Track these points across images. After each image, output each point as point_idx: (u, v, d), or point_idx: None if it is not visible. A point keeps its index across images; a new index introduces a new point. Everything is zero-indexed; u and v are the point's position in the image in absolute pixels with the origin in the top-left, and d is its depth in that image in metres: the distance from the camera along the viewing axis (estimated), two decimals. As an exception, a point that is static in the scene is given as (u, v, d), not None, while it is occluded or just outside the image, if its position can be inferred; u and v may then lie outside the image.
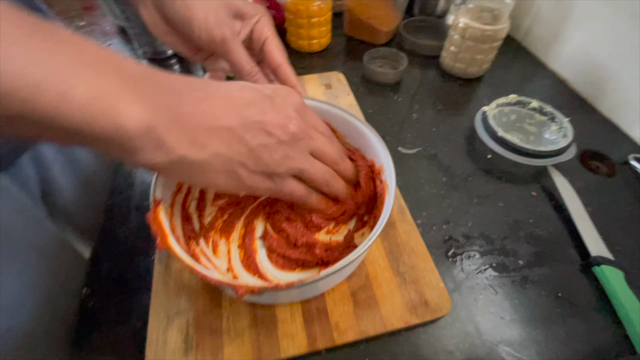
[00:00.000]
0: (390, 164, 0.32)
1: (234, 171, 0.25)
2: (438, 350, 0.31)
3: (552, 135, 0.47)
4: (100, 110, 0.19)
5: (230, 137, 0.24)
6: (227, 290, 0.27)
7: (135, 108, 0.20)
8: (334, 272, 0.25)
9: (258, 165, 0.26)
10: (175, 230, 0.30)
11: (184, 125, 0.23)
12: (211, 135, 0.24)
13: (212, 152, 0.24)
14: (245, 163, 0.25)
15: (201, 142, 0.23)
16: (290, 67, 0.37)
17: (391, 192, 0.30)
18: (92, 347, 0.31)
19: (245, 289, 0.25)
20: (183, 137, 0.22)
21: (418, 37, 0.63)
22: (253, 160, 0.25)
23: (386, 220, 0.28)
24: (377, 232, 0.27)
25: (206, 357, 0.29)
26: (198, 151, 0.23)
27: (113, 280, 0.35)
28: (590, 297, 0.34)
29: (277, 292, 0.28)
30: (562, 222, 0.40)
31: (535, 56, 0.64)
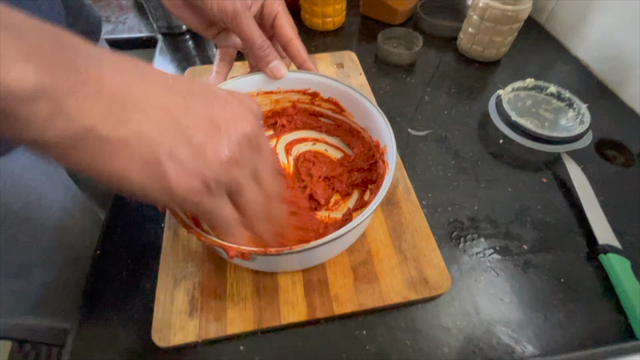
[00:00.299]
0: (393, 145, 0.32)
1: (158, 163, 0.18)
2: (435, 326, 0.31)
3: (568, 122, 0.46)
4: None
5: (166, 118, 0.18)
6: (220, 252, 0.28)
7: (27, 68, 0.15)
8: (326, 242, 0.26)
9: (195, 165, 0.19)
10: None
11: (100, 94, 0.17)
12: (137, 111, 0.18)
13: (134, 129, 0.17)
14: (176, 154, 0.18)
15: (120, 115, 0.17)
16: (301, 42, 0.37)
17: (390, 171, 0.30)
18: (104, 304, 0.32)
19: (235, 251, 0.25)
20: (94, 106, 0.17)
21: (435, 18, 0.61)
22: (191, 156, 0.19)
23: (382, 197, 0.28)
24: (372, 208, 0.27)
25: (210, 318, 0.30)
26: (114, 125, 0.17)
27: (124, 244, 0.36)
28: (594, 284, 0.34)
29: (273, 259, 0.29)
30: (571, 209, 0.39)
31: (558, 40, 0.61)
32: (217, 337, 0.30)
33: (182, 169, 0.19)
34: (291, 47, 0.36)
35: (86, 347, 0.30)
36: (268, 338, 0.31)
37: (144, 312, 0.31)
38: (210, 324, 0.30)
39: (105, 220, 0.38)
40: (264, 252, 0.26)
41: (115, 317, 0.32)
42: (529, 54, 0.59)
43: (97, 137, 0.17)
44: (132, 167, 0.18)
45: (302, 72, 0.37)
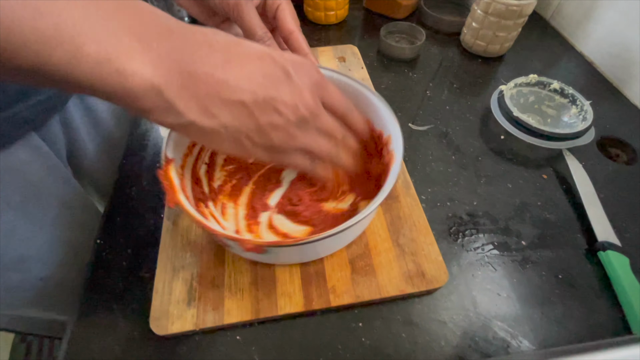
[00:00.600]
0: (399, 134, 0.32)
1: (240, 140, 0.25)
2: (431, 319, 0.31)
3: (571, 119, 0.46)
4: (109, 71, 0.19)
5: (241, 111, 0.24)
6: (233, 246, 0.28)
7: (145, 70, 0.20)
8: (332, 234, 0.26)
9: (264, 141, 0.26)
10: (185, 190, 0.32)
11: (196, 92, 0.22)
12: (222, 107, 0.23)
13: (221, 123, 0.24)
14: (251, 137, 0.25)
15: (211, 111, 0.23)
16: (302, 35, 0.36)
17: (397, 161, 0.30)
18: (104, 292, 0.33)
19: (252, 244, 0.26)
20: (194, 104, 0.22)
21: (439, 12, 0.61)
22: (259, 136, 0.25)
23: (390, 188, 0.28)
24: (378, 201, 0.27)
25: (207, 308, 0.31)
26: (207, 120, 0.23)
27: (125, 234, 0.36)
28: (592, 281, 0.34)
29: (279, 251, 0.29)
30: (571, 206, 0.39)
31: (563, 36, 0.61)
32: (214, 327, 0.30)
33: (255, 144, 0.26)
34: (292, 40, 0.36)
35: (85, 334, 0.31)
36: (265, 328, 0.31)
37: (142, 301, 0.32)
38: (207, 313, 0.30)
39: (106, 210, 0.38)
40: (277, 243, 0.26)
41: (114, 306, 0.32)
42: (533, 50, 0.59)
43: (198, 128, 0.23)
44: (223, 143, 0.25)
45: None
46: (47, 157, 0.39)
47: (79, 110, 0.45)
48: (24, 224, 0.38)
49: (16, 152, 0.35)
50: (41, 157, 0.38)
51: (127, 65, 0.19)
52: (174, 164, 0.31)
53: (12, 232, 0.37)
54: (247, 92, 0.24)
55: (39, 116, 0.37)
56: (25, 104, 0.34)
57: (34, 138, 0.37)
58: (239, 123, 0.24)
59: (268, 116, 0.25)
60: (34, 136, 0.37)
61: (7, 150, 0.34)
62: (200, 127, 0.23)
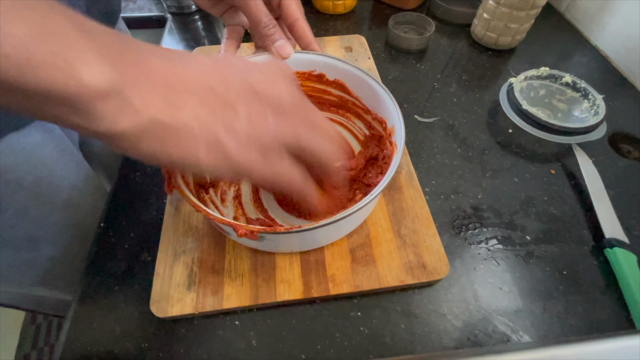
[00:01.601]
0: (401, 125, 0.31)
1: (218, 142, 0.20)
2: (431, 311, 0.31)
3: (582, 114, 0.45)
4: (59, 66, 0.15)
5: (213, 98, 0.20)
6: (229, 231, 0.28)
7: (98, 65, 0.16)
8: (328, 223, 0.26)
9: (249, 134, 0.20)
10: (185, 176, 0.32)
11: (156, 83, 0.18)
12: (189, 95, 0.19)
13: (191, 115, 0.19)
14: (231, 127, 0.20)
15: (176, 102, 0.19)
16: (307, 23, 0.36)
17: (399, 152, 0.30)
18: (106, 274, 0.33)
19: (245, 230, 0.26)
20: (154, 96, 0.18)
21: (449, 3, 0.60)
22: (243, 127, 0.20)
23: (389, 179, 0.27)
24: (377, 191, 0.27)
25: (207, 292, 0.31)
26: (173, 112, 0.18)
27: (128, 218, 0.37)
28: (597, 278, 0.33)
29: (276, 238, 0.29)
30: (579, 202, 0.38)
31: (578, 29, 0.59)
32: (213, 311, 0.30)
33: (239, 143, 0.20)
34: (297, 28, 0.35)
35: (87, 314, 0.31)
36: (263, 314, 0.31)
37: (143, 283, 0.32)
38: (207, 297, 0.30)
39: (110, 194, 0.39)
40: (273, 231, 0.26)
41: (116, 287, 0.32)
42: (545, 43, 0.57)
43: (161, 126, 0.18)
44: (198, 150, 0.19)
45: (307, 53, 0.36)
46: (60, 140, 0.40)
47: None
48: (36, 205, 0.38)
49: (30, 133, 0.36)
50: (54, 140, 0.39)
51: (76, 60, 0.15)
52: None
53: (23, 212, 0.38)
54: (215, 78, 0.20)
55: None
56: None
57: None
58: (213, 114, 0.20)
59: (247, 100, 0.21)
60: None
61: (21, 132, 0.35)
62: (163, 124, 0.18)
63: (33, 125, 0.36)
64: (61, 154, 0.40)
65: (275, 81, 0.22)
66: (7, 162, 0.34)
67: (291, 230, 0.26)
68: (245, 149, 0.20)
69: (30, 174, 0.37)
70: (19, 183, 0.36)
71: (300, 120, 0.23)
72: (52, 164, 0.39)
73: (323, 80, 0.39)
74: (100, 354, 0.29)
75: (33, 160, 0.37)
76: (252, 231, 0.26)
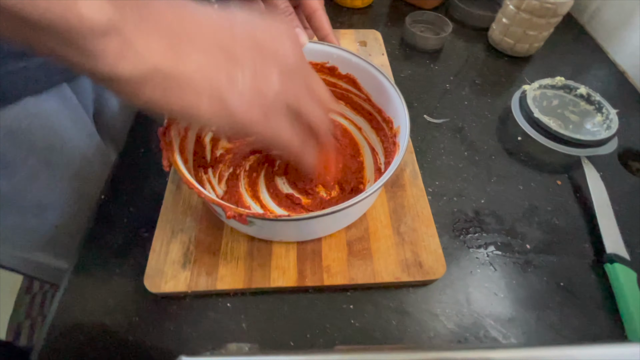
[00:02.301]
0: (407, 125, 0.31)
1: (221, 96, 0.20)
2: (423, 310, 0.31)
3: (594, 127, 0.44)
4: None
5: (218, 51, 0.19)
6: (220, 212, 0.28)
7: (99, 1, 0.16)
8: (323, 214, 0.25)
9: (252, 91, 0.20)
10: (184, 152, 0.32)
11: (160, 30, 0.18)
12: (194, 46, 0.19)
13: (195, 66, 0.19)
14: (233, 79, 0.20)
15: (181, 51, 0.18)
16: (326, 15, 0.36)
17: (400, 152, 0.29)
18: (103, 246, 0.33)
19: (234, 212, 0.25)
20: (158, 43, 0.18)
21: (469, 6, 0.59)
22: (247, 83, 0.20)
23: (389, 176, 0.27)
24: (375, 187, 0.27)
25: (201, 272, 0.31)
26: (177, 61, 0.18)
27: (129, 193, 0.37)
28: (595, 292, 0.33)
29: (266, 225, 0.28)
30: (582, 215, 0.38)
31: (597, 42, 0.58)
32: (206, 291, 0.30)
33: (242, 99, 0.20)
34: (315, 19, 0.35)
35: (81, 284, 0.31)
36: (256, 299, 0.31)
37: (139, 258, 0.32)
38: (201, 277, 0.30)
39: (114, 167, 0.39)
40: (261, 215, 0.25)
41: (112, 260, 0.32)
42: (563, 54, 0.56)
43: (164, 75, 0.18)
44: (200, 102, 0.19)
45: (322, 44, 0.36)
46: (75, 110, 0.40)
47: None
48: (46, 171, 0.39)
49: (47, 100, 0.36)
50: (70, 108, 0.39)
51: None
52: (176, 124, 0.30)
53: (33, 177, 0.38)
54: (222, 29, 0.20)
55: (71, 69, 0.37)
56: None
57: (66, 89, 0.38)
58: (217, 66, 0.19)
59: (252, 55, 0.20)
60: (66, 87, 0.38)
61: (38, 97, 0.35)
62: (166, 74, 0.18)
63: (51, 92, 0.36)
64: (75, 124, 0.40)
65: (282, 40, 0.22)
66: (22, 125, 0.34)
67: (280, 217, 0.25)
68: (247, 106, 0.20)
69: (43, 140, 0.37)
70: (31, 148, 0.36)
71: (303, 83, 0.23)
72: (65, 133, 0.39)
73: (335, 73, 0.39)
74: (91, 324, 0.29)
75: (47, 127, 0.37)
76: (241, 214, 0.25)
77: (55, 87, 0.36)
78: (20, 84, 0.32)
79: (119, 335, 0.29)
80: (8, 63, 0.30)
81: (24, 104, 0.34)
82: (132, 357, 0.28)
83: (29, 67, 0.32)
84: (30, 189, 0.38)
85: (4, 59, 0.30)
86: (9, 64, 0.31)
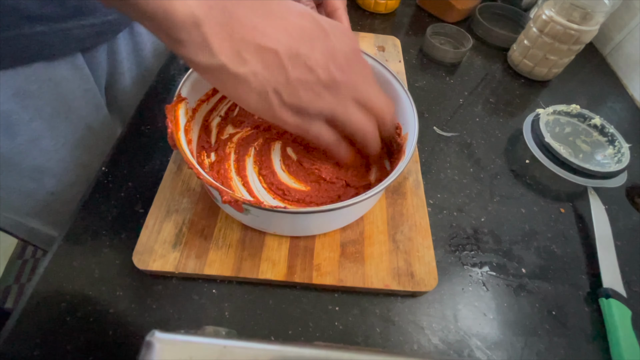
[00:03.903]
0: (415, 134, 0.31)
1: (266, 95, 0.25)
2: (409, 321, 0.30)
3: (604, 159, 0.43)
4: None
5: (273, 61, 0.24)
6: (216, 196, 0.28)
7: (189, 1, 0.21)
8: (319, 211, 0.25)
9: (291, 98, 0.25)
10: (189, 133, 0.31)
11: (233, 34, 0.23)
12: (255, 53, 0.23)
13: (251, 70, 0.23)
14: (279, 91, 0.25)
15: (244, 56, 0.23)
16: (347, 15, 0.36)
17: (405, 159, 0.29)
18: (96, 216, 0.33)
19: (230, 197, 0.25)
20: (228, 46, 0.23)
21: (492, 24, 0.58)
22: (288, 91, 0.25)
23: (389, 183, 0.27)
24: (374, 191, 0.26)
25: (191, 255, 0.30)
26: (238, 65, 0.23)
27: (130, 167, 0.37)
28: (586, 325, 0.32)
29: (262, 214, 0.28)
30: (582, 246, 0.37)
31: (617, 75, 0.58)
32: (193, 274, 0.30)
33: (282, 102, 0.25)
34: (336, 17, 0.35)
35: (70, 252, 0.31)
36: (242, 289, 0.30)
37: (131, 234, 0.32)
38: (190, 259, 0.30)
39: (118, 140, 0.39)
40: (257, 204, 0.25)
41: (103, 231, 0.32)
42: (581, 82, 0.56)
43: (227, 72, 0.23)
44: (249, 96, 0.25)
45: None
46: (87, 80, 0.40)
47: (127, 45, 0.45)
48: (49, 136, 0.39)
49: (59, 66, 0.36)
50: (81, 78, 0.39)
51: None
52: (185, 104, 0.30)
53: (36, 140, 0.38)
54: (282, 43, 0.24)
55: (89, 39, 0.37)
56: (79, 23, 0.34)
57: (79, 59, 0.38)
58: (268, 73, 0.24)
59: (299, 71, 0.24)
60: (80, 57, 0.38)
61: (51, 63, 0.35)
62: (230, 72, 0.23)
63: (64, 60, 0.36)
64: (84, 94, 0.40)
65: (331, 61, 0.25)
66: (31, 88, 0.35)
67: (276, 208, 0.25)
68: (285, 109, 0.25)
69: (50, 106, 0.37)
70: (37, 111, 0.36)
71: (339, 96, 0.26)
72: (73, 102, 0.39)
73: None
74: (74, 293, 0.29)
75: (56, 93, 0.37)
76: (237, 200, 0.25)
77: (69, 56, 0.36)
78: (34, 47, 0.33)
79: (100, 307, 0.28)
80: (24, 26, 0.31)
81: (36, 67, 0.34)
82: (110, 329, 0.28)
83: (47, 32, 0.32)
84: (31, 152, 0.38)
85: (20, 22, 0.30)
86: (25, 27, 0.31)
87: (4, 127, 0.35)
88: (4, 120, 0.34)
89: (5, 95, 0.33)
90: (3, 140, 0.35)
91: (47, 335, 0.27)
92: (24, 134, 0.36)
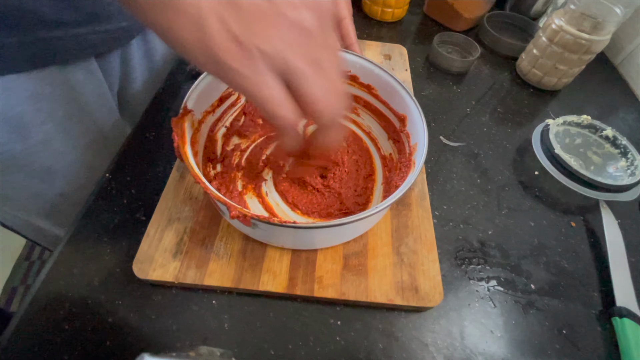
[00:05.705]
0: (424, 143, 0.30)
1: (204, 22, 0.18)
2: (413, 337, 0.29)
3: (617, 172, 0.42)
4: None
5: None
6: (223, 210, 0.27)
7: None
8: (329, 225, 0.25)
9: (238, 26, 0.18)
10: (195, 145, 0.31)
11: None
12: None
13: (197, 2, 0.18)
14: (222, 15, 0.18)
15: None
16: (353, 24, 0.35)
17: (416, 170, 0.28)
18: (99, 223, 0.33)
19: (238, 212, 0.25)
20: None
21: (500, 33, 0.58)
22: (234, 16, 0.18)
23: (400, 195, 0.26)
24: (385, 205, 0.26)
25: (191, 264, 0.30)
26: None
27: (133, 175, 0.37)
28: (598, 345, 0.31)
29: (269, 229, 0.28)
30: (594, 262, 0.36)
31: (629, 85, 0.56)
32: (193, 284, 0.29)
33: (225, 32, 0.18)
34: (342, 27, 0.35)
35: (71, 258, 0.31)
36: (242, 300, 0.30)
37: (132, 242, 0.32)
38: (190, 269, 0.30)
39: (122, 148, 0.39)
40: (266, 219, 0.25)
41: (105, 238, 0.32)
42: (591, 92, 0.55)
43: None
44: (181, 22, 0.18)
45: (345, 52, 0.36)
46: (100, 85, 0.40)
47: (139, 51, 0.46)
48: (60, 139, 0.39)
49: (73, 70, 0.36)
50: (94, 82, 0.40)
51: None
52: (191, 116, 0.30)
53: (47, 142, 0.38)
54: None
55: (103, 44, 0.38)
56: (94, 29, 0.35)
57: (93, 64, 0.39)
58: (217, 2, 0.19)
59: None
60: (94, 62, 0.39)
61: (66, 67, 0.36)
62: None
63: (78, 65, 0.37)
64: (97, 98, 0.41)
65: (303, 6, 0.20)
66: (45, 91, 0.35)
67: (285, 223, 0.25)
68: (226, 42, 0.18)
69: (63, 109, 0.38)
70: (50, 114, 0.37)
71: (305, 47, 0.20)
72: (86, 105, 0.40)
73: (356, 82, 0.38)
74: (74, 300, 0.29)
75: (69, 97, 0.37)
76: (245, 215, 0.25)
77: (83, 60, 0.37)
78: (50, 51, 0.33)
79: (99, 316, 0.28)
80: (41, 31, 0.31)
81: (50, 71, 0.34)
82: (107, 339, 0.27)
83: (62, 37, 0.33)
84: (42, 153, 0.39)
85: (37, 26, 0.31)
86: (41, 32, 0.31)
87: (17, 128, 0.35)
88: (17, 122, 0.35)
89: (20, 98, 0.34)
90: (15, 141, 0.36)
91: (44, 345, 0.27)
92: (36, 136, 0.37)
